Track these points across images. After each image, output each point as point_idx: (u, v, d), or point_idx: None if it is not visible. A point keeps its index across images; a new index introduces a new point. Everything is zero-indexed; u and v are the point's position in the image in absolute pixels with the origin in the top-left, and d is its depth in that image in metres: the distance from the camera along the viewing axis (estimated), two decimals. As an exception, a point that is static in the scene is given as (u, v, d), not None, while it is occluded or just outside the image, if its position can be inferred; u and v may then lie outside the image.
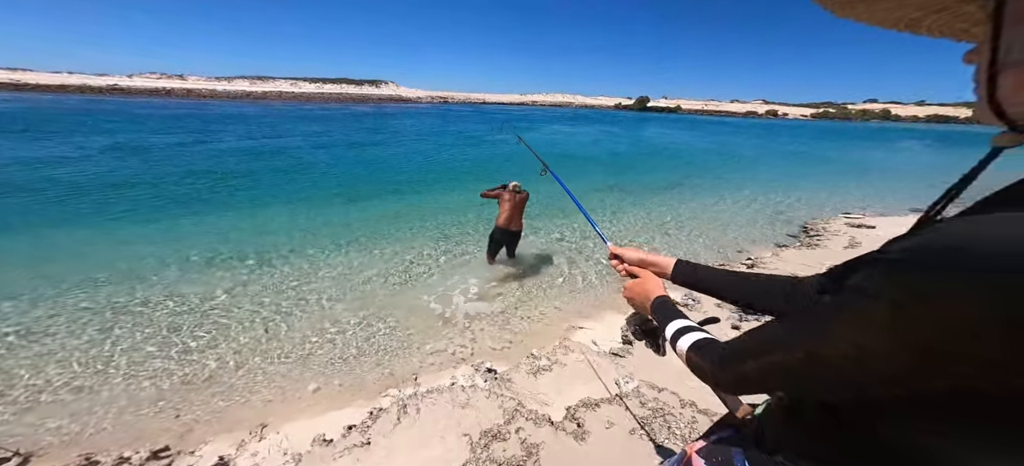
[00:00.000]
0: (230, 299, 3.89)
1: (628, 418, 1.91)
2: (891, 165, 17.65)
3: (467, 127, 28.18)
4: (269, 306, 3.80)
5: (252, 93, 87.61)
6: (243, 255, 4.81)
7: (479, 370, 2.87)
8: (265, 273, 4.43)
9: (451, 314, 3.75)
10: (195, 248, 4.97)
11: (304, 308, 3.79)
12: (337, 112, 41.65)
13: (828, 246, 5.47)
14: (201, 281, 4.21)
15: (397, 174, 10.43)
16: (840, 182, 12.13)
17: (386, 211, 6.92)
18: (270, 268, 4.54)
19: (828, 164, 17.36)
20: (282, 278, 4.31)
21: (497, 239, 4.46)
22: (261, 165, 10.73)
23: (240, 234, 5.52)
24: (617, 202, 8.09)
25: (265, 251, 4.93)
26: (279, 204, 7.04)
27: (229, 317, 3.61)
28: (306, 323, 3.56)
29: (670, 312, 0.71)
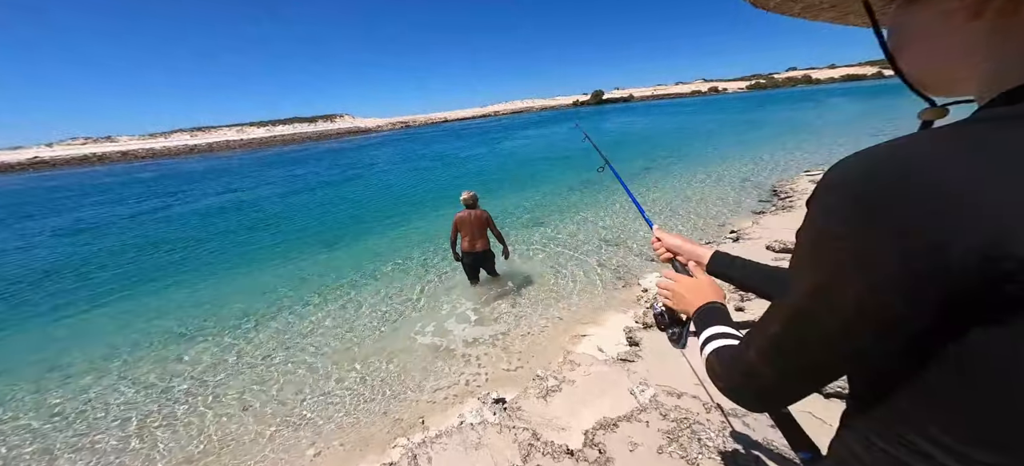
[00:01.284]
0: (204, 376, 3.50)
1: (652, 434, 1.72)
2: (831, 120, 18.60)
3: (437, 149, 27.39)
4: (250, 375, 3.43)
5: (196, 146, 75.47)
6: (207, 328, 4.28)
7: (486, 402, 2.63)
8: (240, 342, 4.00)
9: (448, 345, 3.49)
10: (153, 328, 4.39)
11: (289, 371, 3.43)
12: (297, 154, 39.29)
13: (801, 206, 5.52)
14: (163, 361, 3.76)
15: (371, 209, 9.84)
16: (792, 142, 12.57)
17: (365, 250, 6.51)
18: (245, 337, 4.09)
19: (775, 127, 18.09)
20: (260, 344, 3.90)
21: (467, 264, 4.14)
22: (224, 224, 9.61)
23: (199, 309, 4.85)
24: (597, 194, 8.00)
25: (236, 319, 4.41)
26: (246, 265, 6.30)
27: (205, 395, 3.22)
28: (292, 387, 3.22)
29: (714, 317, 0.63)
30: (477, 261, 4.11)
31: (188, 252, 7.45)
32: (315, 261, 6.15)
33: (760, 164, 9.40)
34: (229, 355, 3.76)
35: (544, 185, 9.91)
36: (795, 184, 6.68)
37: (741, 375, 0.45)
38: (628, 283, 4.02)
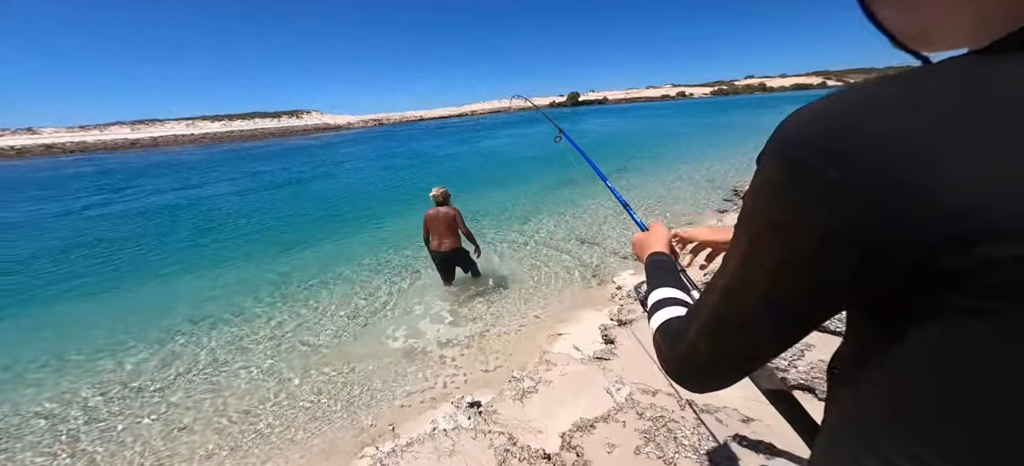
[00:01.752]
0: (148, 386, 3.16)
1: (628, 434, 1.70)
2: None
3: (414, 147, 26.48)
4: (201, 385, 3.14)
5: (138, 140, 66.62)
6: (150, 336, 3.87)
7: (461, 407, 2.53)
8: (190, 348, 3.67)
9: (421, 347, 3.35)
10: (88, 337, 3.91)
11: (244, 379, 3.17)
12: (259, 150, 36.66)
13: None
14: (98, 373, 3.39)
15: (340, 208, 9.31)
16: (752, 145, 13.30)
17: (333, 251, 6.17)
18: (197, 343, 3.75)
19: (737, 131, 19.17)
20: (212, 352, 3.59)
21: (437, 263, 4.00)
22: (173, 223, 8.73)
23: (141, 316, 4.33)
24: (573, 193, 8.04)
25: (185, 325, 4.03)
26: (197, 267, 5.73)
27: (148, 408, 2.91)
28: (248, 396, 2.97)
29: (660, 276, 0.57)
30: (447, 260, 3.98)
31: (131, 253, 6.80)
32: (276, 262, 5.77)
33: (723, 165, 9.84)
34: (177, 363, 3.43)
35: (522, 184, 9.88)
36: None
37: (684, 353, 0.42)
38: (603, 281, 4.04)
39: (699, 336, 0.39)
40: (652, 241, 0.68)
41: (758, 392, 0.61)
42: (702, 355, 0.39)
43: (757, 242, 0.31)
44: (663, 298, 0.52)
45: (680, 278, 0.59)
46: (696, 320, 0.40)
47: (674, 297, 0.51)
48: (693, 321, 0.40)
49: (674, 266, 0.62)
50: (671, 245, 0.69)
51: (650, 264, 0.62)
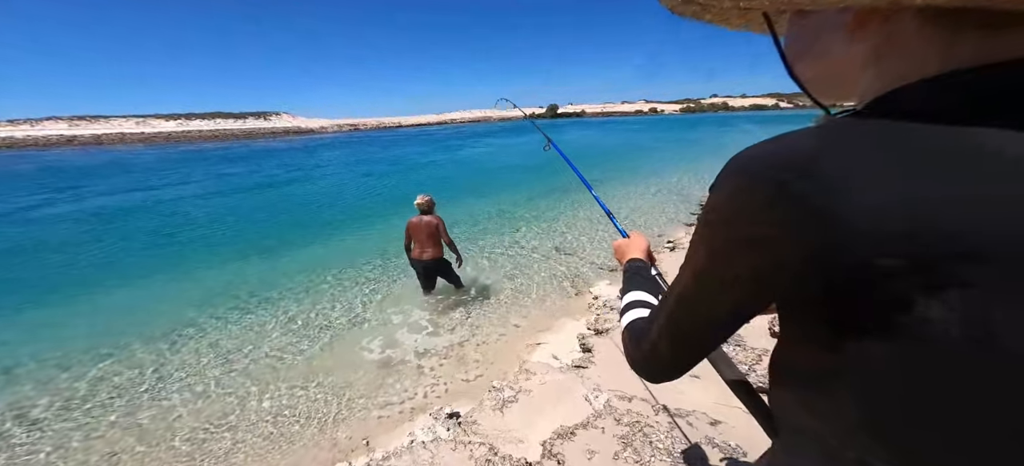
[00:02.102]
0: (102, 403, 2.91)
1: (607, 440, 1.75)
2: (742, 143, 21.36)
3: (394, 153, 25.74)
4: (159, 401, 2.93)
5: (77, 137, 57.98)
6: (102, 348, 3.58)
7: (439, 418, 2.50)
8: (150, 361, 3.43)
9: (398, 358, 3.28)
10: (30, 349, 3.56)
11: (207, 394, 2.99)
12: (226, 151, 34.70)
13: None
14: (44, 384, 3.09)
15: (315, 215, 9.04)
16: (718, 161, 14.10)
17: (307, 259, 5.92)
18: (160, 356, 3.52)
19: (704, 146, 20.33)
20: (178, 365, 3.37)
21: (418, 272, 3.95)
22: (126, 227, 8.10)
23: (92, 325, 4.01)
24: (551, 203, 8.17)
25: (141, 339, 3.73)
26: (153, 274, 5.31)
27: (101, 425, 2.67)
28: (211, 412, 2.80)
29: (632, 280, 0.63)
30: (428, 269, 3.93)
31: (81, 257, 6.24)
32: (246, 271, 5.48)
33: (692, 179, 10.34)
34: (124, 379, 3.18)
35: (501, 193, 9.93)
36: None
37: (646, 349, 0.47)
38: (580, 291, 4.13)
39: (660, 336, 0.44)
40: (631, 248, 0.74)
41: (725, 397, 0.67)
42: (662, 353, 0.44)
43: (718, 254, 0.35)
44: (633, 301, 0.57)
45: (654, 282, 0.64)
46: (656, 322, 0.44)
47: (643, 300, 0.57)
48: (654, 322, 0.45)
49: (649, 271, 0.67)
50: (649, 251, 0.74)
51: (627, 269, 0.67)
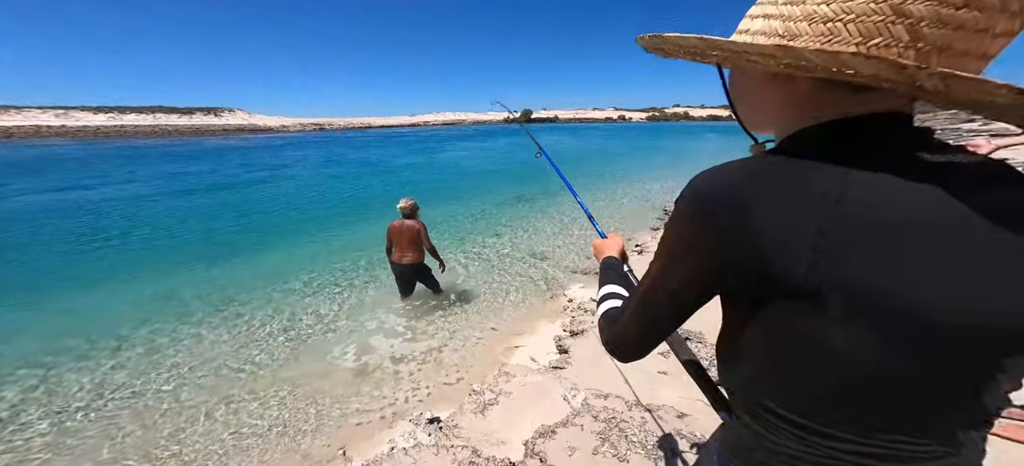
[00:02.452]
0: (33, 422, 2.64)
1: (586, 437, 1.86)
2: (704, 151, 22.84)
3: (368, 155, 24.71)
4: (106, 418, 2.70)
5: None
6: (37, 360, 3.27)
7: (420, 423, 2.50)
8: (91, 375, 3.15)
9: (374, 364, 3.23)
10: None
11: (159, 409, 2.79)
12: (173, 149, 32.07)
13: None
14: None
15: (280, 218, 8.64)
16: (677, 166, 14.98)
17: (271, 263, 5.67)
18: (101, 372, 3.24)
19: (669, 154, 21.46)
20: (112, 383, 3.12)
21: (396, 276, 3.91)
22: (54, 231, 7.25)
23: (23, 337, 3.68)
24: (527, 210, 8.28)
25: (80, 350, 3.44)
26: (92, 284, 4.85)
27: (33, 449, 2.43)
28: (163, 428, 2.63)
29: (607, 275, 0.73)
30: (406, 274, 3.89)
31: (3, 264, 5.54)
32: (205, 276, 5.15)
33: (656, 186, 10.89)
34: (77, 393, 2.90)
35: (477, 197, 9.94)
36: None
37: (618, 332, 0.57)
38: (556, 294, 4.26)
39: (630, 319, 0.54)
40: (608, 247, 0.84)
41: (690, 393, 0.79)
42: (631, 333, 0.54)
43: (673, 258, 0.46)
44: (608, 293, 0.68)
45: (626, 278, 0.75)
46: (628, 308, 0.55)
47: (616, 292, 0.67)
48: (626, 309, 0.55)
49: (622, 268, 0.79)
50: (623, 251, 0.85)
51: (603, 266, 0.78)
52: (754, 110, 0.50)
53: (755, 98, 0.48)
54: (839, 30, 0.36)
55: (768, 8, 0.43)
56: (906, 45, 0.34)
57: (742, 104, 0.51)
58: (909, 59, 0.34)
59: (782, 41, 0.40)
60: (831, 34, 0.37)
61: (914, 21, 0.34)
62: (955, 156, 0.37)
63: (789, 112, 0.44)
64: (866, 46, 0.35)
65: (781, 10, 0.41)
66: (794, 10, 0.39)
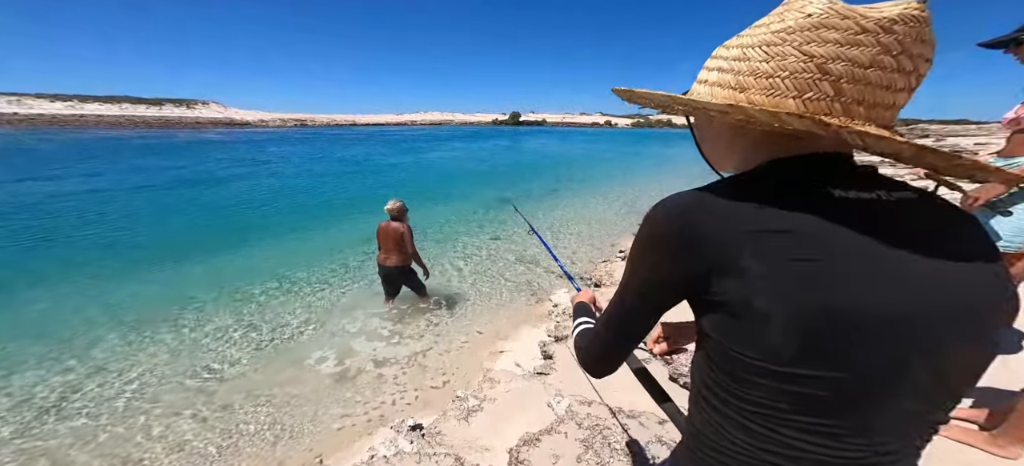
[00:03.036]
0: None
1: (570, 444, 1.88)
2: (681, 158, 23.59)
3: (353, 153, 24.38)
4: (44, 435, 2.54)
5: None
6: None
7: (401, 430, 2.46)
8: (44, 384, 2.96)
9: (355, 368, 3.17)
10: None
11: (117, 419, 2.66)
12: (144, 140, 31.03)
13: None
14: None
15: (257, 216, 8.36)
16: (659, 174, 15.38)
17: (242, 265, 5.49)
18: (44, 382, 3.05)
19: (652, 160, 22.14)
20: (67, 389, 2.95)
21: (381, 277, 3.88)
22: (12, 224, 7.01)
23: None
24: (508, 214, 8.28)
25: (31, 357, 3.26)
26: (41, 282, 4.61)
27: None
28: (118, 439, 2.50)
29: (579, 310, 0.83)
30: (389, 276, 3.85)
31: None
32: (175, 275, 4.91)
33: (637, 192, 11.14)
34: (25, 402, 2.71)
35: (463, 200, 9.91)
36: None
37: (592, 344, 0.62)
38: (540, 299, 4.28)
39: (605, 327, 0.58)
40: (582, 297, 0.94)
41: (672, 397, 0.83)
42: (606, 340, 0.59)
43: (639, 270, 0.51)
44: (581, 321, 0.78)
45: (595, 314, 0.83)
46: (602, 318, 0.59)
47: (587, 320, 0.77)
48: (601, 320, 0.60)
49: (592, 309, 0.88)
50: (594, 300, 0.95)
51: (576, 307, 0.88)
52: (716, 151, 0.58)
53: (715, 141, 0.57)
54: (778, 85, 0.44)
55: (722, 62, 0.50)
56: (832, 98, 0.42)
57: (706, 145, 0.59)
58: (836, 109, 0.42)
59: (734, 95, 0.47)
60: (772, 88, 0.44)
61: (835, 78, 0.41)
62: (869, 191, 0.43)
63: (745, 154, 0.52)
64: (801, 100, 0.43)
65: (732, 66, 0.48)
66: (742, 66, 0.47)
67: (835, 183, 0.44)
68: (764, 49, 0.45)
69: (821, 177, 0.44)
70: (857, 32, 0.41)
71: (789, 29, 0.44)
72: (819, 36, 0.42)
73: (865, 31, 0.41)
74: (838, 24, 0.41)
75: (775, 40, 0.45)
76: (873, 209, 0.42)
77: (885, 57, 0.41)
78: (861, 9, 0.42)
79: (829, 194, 0.43)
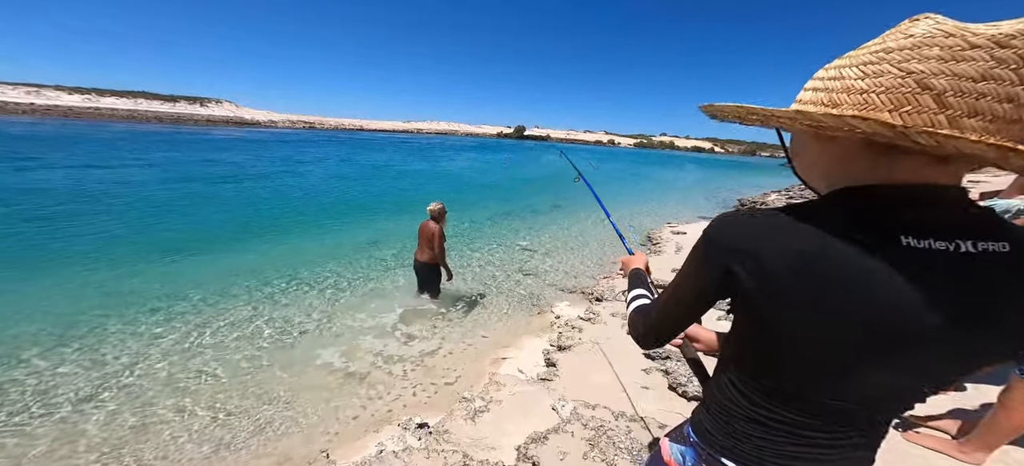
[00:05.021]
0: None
1: (576, 443, 1.99)
2: (682, 182, 23.99)
3: (373, 159, 24.77)
4: (47, 423, 2.61)
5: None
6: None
7: (409, 428, 2.56)
8: (29, 387, 3.03)
9: (361, 367, 3.27)
10: None
11: (124, 413, 2.73)
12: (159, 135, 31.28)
13: (666, 252, 6.84)
14: None
15: (267, 215, 8.46)
16: (659, 195, 15.66)
17: (253, 263, 5.61)
18: (46, 372, 3.12)
19: (653, 182, 22.38)
20: (73, 384, 3.02)
21: (415, 270, 4.21)
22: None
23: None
24: (516, 227, 8.48)
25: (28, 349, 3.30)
26: (45, 272, 4.63)
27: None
28: (124, 431, 2.57)
29: (635, 281, 0.90)
30: (420, 271, 4.14)
31: None
32: (181, 269, 5.00)
33: (640, 212, 11.37)
34: (31, 389, 2.77)
35: (472, 210, 10.08)
36: (661, 233, 8.32)
37: (647, 324, 0.71)
38: (542, 310, 4.41)
39: (659, 312, 0.69)
40: (635, 261, 1.03)
41: (671, 405, 0.98)
42: (660, 322, 0.69)
43: (689, 275, 0.60)
44: (639, 293, 0.85)
45: (649, 285, 0.93)
46: (657, 304, 0.70)
47: (644, 294, 0.85)
48: (656, 305, 0.71)
49: (647, 277, 0.95)
50: (647, 265, 1.05)
51: (632, 274, 0.95)
52: (806, 165, 0.60)
53: (806, 156, 0.59)
54: (872, 100, 0.45)
55: (817, 83, 0.53)
56: (935, 112, 0.42)
57: (797, 158, 0.62)
58: (940, 122, 0.42)
59: (833, 111, 0.48)
60: (866, 103, 0.46)
61: (937, 92, 0.42)
62: (948, 238, 0.45)
63: (830, 172, 0.55)
64: (898, 113, 0.43)
65: (826, 85, 0.51)
66: (836, 84, 0.50)
67: (909, 227, 0.45)
68: (861, 68, 0.47)
69: (894, 219, 0.46)
70: (964, 48, 0.41)
71: (888, 49, 0.45)
72: (920, 54, 0.43)
73: (974, 47, 0.41)
74: (942, 42, 0.42)
75: (872, 59, 0.46)
76: (934, 266, 0.44)
77: (1002, 70, 0.40)
78: (972, 27, 0.42)
79: (897, 242, 0.45)
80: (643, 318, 0.74)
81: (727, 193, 17.97)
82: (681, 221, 10.05)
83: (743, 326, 0.58)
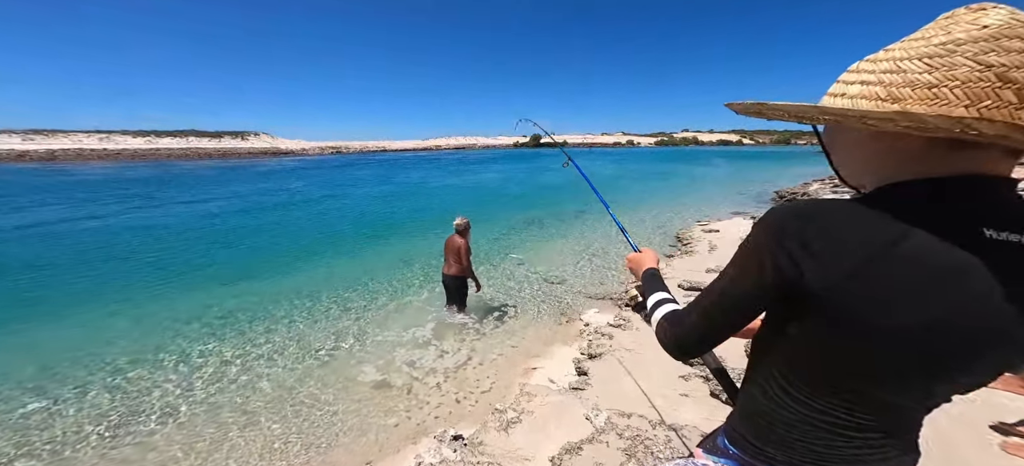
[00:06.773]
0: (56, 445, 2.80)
1: (612, 453, 1.96)
2: (710, 177, 23.06)
3: (413, 178, 25.67)
4: (125, 435, 2.85)
5: (28, 152, 55.38)
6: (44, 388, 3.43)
7: (444, 440, 2.61)
8: (95, 401, 3.32)
9: (396, 381, 3.37)
10: None
11: (172, 428, 2.93)
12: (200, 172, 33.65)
13: (698, 251, 6.62)
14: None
15: (301, 240, 8.99)
16: (687, 193, 15.15)
17: (286, 284, 5.94)
18: (107, 390, 3.42)
19: (679, 179, 21.75)
20: (130, 400, 3.28)
21: (444, 285, 4.30)
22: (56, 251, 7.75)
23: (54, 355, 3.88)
24: (539, 235, 8.50)
25: (90, 372, 3.59)
26: (108, 302, 5.05)
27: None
28: (185, 440, 2.76)
29: (654, 284, 0.82)
30: (449, 285, 4.22)
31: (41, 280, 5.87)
32: (229, 292, 5.37)
33: (669, 212, 11.04)
34: (88, 414, 3.06)
35: (493, 222, 10.20)
36: (692, 232, 8.03)
37: (685, 332, 0.64)
38: (571, 319, 4.38)
39: (702, 317, 0.61)
40: (645, 260, 0.94)
41: (714, 414, 0.92)
42: (698, 329, 0.62)
43: (746, 272, 0.55)
44: (662, 298, 0.78)
45: (667, 286, 0.86)
46: (697, 308, 0.62)
47: (668, 298, 0.78)
48: (694, 310, 0.63)
49: (662, 278, 0.86)
50: (658, 261, 0.97)
51: (647, 275, 0.88)
52: (851, 160, 0.57)
53: (853, 150, 0.55)
54: (945, 94, 0.42)
55: (865, 76, 0.49)
56: (1016, 106, 0.41)
57: (836, 153, 0.59)
58: (1021, 118, 0.40)
59: (884, 106, 0.46)
60: (937, 98, 0.43)
61: (1019, 86, 0.40)
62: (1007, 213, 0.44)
63: (890, 164, 0.50)
64: (977, 108, 0.41)
65: (881, 78, 0.47)
66: (894, 78, 0.46)
67: (988, 220, 0.44)
68: (925, 62, 0.44)
69: (974, 212, 0.45)
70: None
71: (958, 40, 0.43)
72: (999, 46, 0.41)
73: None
74: (1022, 33, 0.41)
75: (940, 52, 0.44)
76: (1015, 258, 0.43)
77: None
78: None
79: (981, 234, 0.44)
80: (676, 326, 0.67)
81: (762, 186, 17.09)
82: (713, 218, 9.68)
83: (802, 324, 0.51)
